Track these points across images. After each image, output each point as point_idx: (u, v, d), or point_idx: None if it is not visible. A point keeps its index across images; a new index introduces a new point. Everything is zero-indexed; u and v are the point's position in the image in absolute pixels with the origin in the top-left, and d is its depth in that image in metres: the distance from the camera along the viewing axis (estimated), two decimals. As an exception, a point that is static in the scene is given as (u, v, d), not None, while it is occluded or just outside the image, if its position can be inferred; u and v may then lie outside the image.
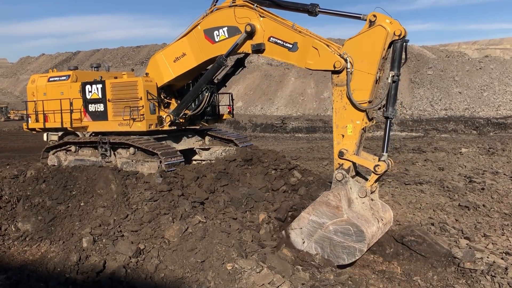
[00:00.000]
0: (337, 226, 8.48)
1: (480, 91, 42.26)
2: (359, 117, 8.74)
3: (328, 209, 8.58)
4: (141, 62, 71.92)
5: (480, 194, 14.24)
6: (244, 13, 10.20)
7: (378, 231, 8.94)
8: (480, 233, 11.00)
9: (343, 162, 8.88)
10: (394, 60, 8.55)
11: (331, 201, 8.58)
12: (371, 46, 8.50)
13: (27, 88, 14.55)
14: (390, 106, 8.58)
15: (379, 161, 8.66)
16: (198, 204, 9.76)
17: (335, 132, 9.03)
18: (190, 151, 14.32)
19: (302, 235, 8.89)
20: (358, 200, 8.87)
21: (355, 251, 8.38)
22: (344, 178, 8.75)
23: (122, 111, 12.23)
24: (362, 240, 8.28)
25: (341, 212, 8.46)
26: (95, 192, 10.60)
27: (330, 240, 8.57)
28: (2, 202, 10.83)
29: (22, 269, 8.60)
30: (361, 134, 8.93)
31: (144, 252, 8.34)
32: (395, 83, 8.55)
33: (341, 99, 8.88)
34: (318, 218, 8.68)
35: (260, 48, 10.07)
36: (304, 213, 8.93)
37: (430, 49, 59.24)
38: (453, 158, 21.72)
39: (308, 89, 49.60)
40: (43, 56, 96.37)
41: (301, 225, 8.92)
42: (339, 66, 8.72)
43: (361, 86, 8.63)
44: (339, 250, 8.52)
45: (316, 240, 8.74)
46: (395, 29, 8.41)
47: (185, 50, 11.51)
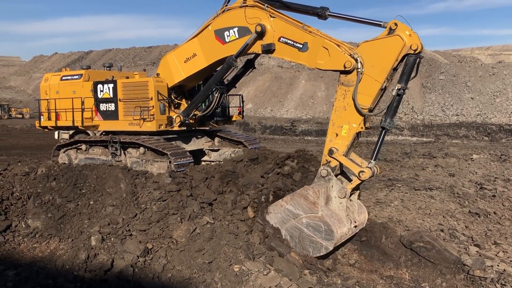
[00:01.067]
0: (310, 220, 8.76)
1: (492, 97, 41.82)
2: (357, 121, 8.74)
3: (305, 202, 8.82)
4: (153, 62, 72.32)
5: (491, 201, 14.09)
6: (254, 14, 10.23)
7: (349, 232, 9.13)
8: (490, 240, 10.88)
9: (330, 160, 8.96)
10: (404, 74, 8.47)
11: (309, 196, 8.78)
12: (385, 54, 8.45)
13: (40, 87, 14.75)
14: (388, 117, 8.56)
15: (365, 168, 8.65)
16: (207, 205, 9.77)
17: (330, 129, 9.06)
18: (200, 152, 14.36)
19: (275, 220, 9.24)
20: (337, 199, 8.97)
21: (321, 247, 8.65)
22: (328, 175, 8.83)
23: (132, 111, 12.31)
24: (330, 239, 8.53)
25: (316, 209, 8.68)
26: (104, 191, 10.66)
27: (301, 231, 8.88)
28: (13, 199, 10.94)
29: (31, 265, 8.67)
30: (354, 137, 8.94)
31: (152, 251, 8.36)
32: (399, 96, 8.51)
33: (344, 99, 8.87)
34: (294, 208, 8.97)
35: (270, 48, 10.06)
36: (282, 201, 9.22)
37: (443, 54, 58.85)
38: (464, 164, 21.53)
39: (319, 92, 49.48)
40: (56, 55, 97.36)
41: (277, 211, 9.24)
42: (350, 66, 8.69)
43: (365, 91, 8.61)
44: (306, 242, 8.83)
45: (287, 228, 9.08)
46: (413, 43, 8.31)
47: (195, 51, 11.56)
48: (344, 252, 9.78)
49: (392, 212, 13.08)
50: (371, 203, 13.84)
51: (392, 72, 8.62)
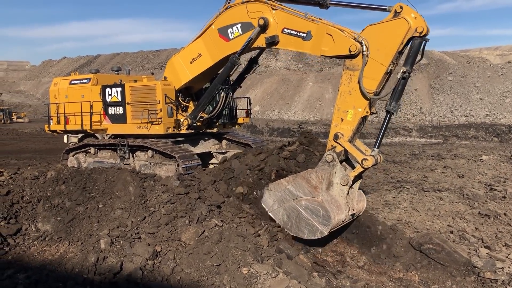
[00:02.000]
0: (309, 203, 8.79)
1: (501, 97, 41.47)
2: (362, 105, 8.74)
3: (307, 185, 8.85)
4: (160, 66, 72.62)
5: (501, 203, 13.95)
6: (256, 8, 10.36)
7: (346, 219, 9.16)
8: (501, 242, 10.77)
9: (336, 145, 8.98)
10: (409, 57, 8.48)
11: (312, 180, 8.81)
12: (390, 38, 8.45)
13: (49, 91, 14.90)
14: (393, 101, 8.56)
15: (368, 155, 8.66)
16: (215, 207, 9.79)
17: (335, 114, 9.08)
18: (207, 155, 14.40)
19: (274, 198, 9.29)
20: (338, 186, 8.97)
21: (317, 231, 8.71)
22: (333, 160, 8.85)
23: (140, 114, 12.37)
24: (327, 224, 8.58)
25: (317, 193, 8.70)
26: (113, 194, 10.72)
27: (298, 213, 8.94)
28: (23, 203, 11.04)
29: (41, 268, 8.73)
30: (359, 122, 8.94)
31: (160, 254, 8.39)
32: (404, 80, 8.49)
33: (349, 83, 8.87)
34: (295, 190, 9.00)
35: (274, 40, 10.14)
36: (284, 181, 9.26)
37: (451, 54, 58.49)
38: (473, 165, 21.35)
39: (326, 93, 49.39)
40: (64, 59, 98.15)
41: (278, 189, 9.26)
42: (355, 50, 8.69)
43: (371, 75, 8.60)
44: (303, 224, 8.90)
45: (285, 208, 9.13)
46: (418, 25, 8.30)
47: (200, 51, 11.68)
48: (353, 254, 9.74)
49: (401, 214, 13.00)
50: (380, 205, 13.78)
51: (397, 55, 8.58)
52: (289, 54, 65.42)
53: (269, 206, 9.39)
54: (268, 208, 9.40)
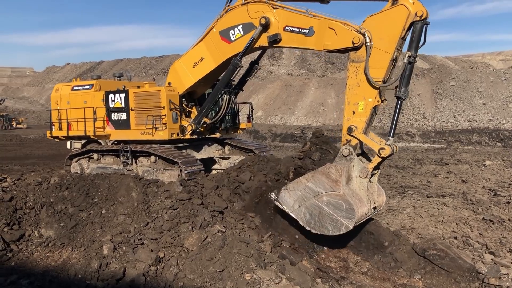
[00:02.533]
0: (331, 198, 8.62)
1: (505, 102, 41.36)
2: (372, 95, 8.74)
3: (327, 180, 8.70)
4: (163, 72, 72.87)
5: (506, 208, 13.89)
6: (257, 8, 10.49)
7: (368, 213, 9.04)
8: (505, 248, 10.71)
9: (350, 139, 8.93)
10: (412, 41, 8.55)
11: (332, 174, 8.68)
12: (392, 25, 8.53)
13: (51, 97, 14.89)
14: (403, 87, 8.60)
15: (385, 145, 8.65)
16: (218, 213, 9.79)
17: (346, 108, 9.06)
18: (210, 160, 14.40)
19: (295, 197, 9.05)
20: (358, 179, 8.90)
21: (341, 226, 8.52)
22: (350, 154, 8.78)
23: (144, 120, 12.40)
24: (351, 218, 8.42)
25: (338, 187, 8.57)
26: (116, 200, 10.73)
27: (321, 209, 8.73)
28: (26, 208, 11.06)
29: (44, 274, 8.73)
30: (372, 113, 8.92)
31: (163, 260, 8.38)
32: (410, 64, 8.56)
33: (356, 76, 8.89)
34: (315, 186, 8.83)
35: (277, 39, 10.22)
36: (303, 178, 9.06)
37: (453, 59, 58.51)
38: (477, 170, 21.26)
39: (329, 99, 49.40)
40: (68, 66, 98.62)
41: (297, 188, 9.04)
42: (358, 41, 8.75)
43: (377, 64, 8.65)
44: (326, 220, 8.68)
45: (307, 206, 8.90)
46: (417, 9, 8.40)
47: (203, 54, 11.79)
48: (357, 260, 9.70)
49: (405, 219, 12.96)
50: (383, 211, 13.73)
51: (401, 41, 8.65)
52: (292, 59, 65.54)
53: (290, 206, 9.10)
54: (289, 208, 9.11)
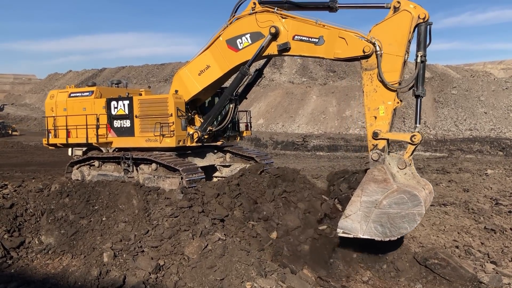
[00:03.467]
0: (390, 198, 8.56)
1: (506, 111, 41.36)
2: (391, 98, 9.13)
3: (376, 185, 8.69)
4: (165, 79, 73.09)
5: (507, 217, 13.83)
6: (266, 18, 10.72)
7: (427, 198, 8.94)
8: (507, 257, 10.66)
9: (377, 143, 9.18)
10: (420, 42, 9.11)
11: (377, 176, 8.71)
12: (398, 30, 9.07)
13: (45, 104, 14.55)
14: (420, 85, 9.12)
15: (415, 132, 8.98)
16: (218, 221, 9.76)
17: (367, 115, 9.36)
18: (211, 168, 14.38)
19: (358, 219, 8.87)
20: (400, 172, 9.06)
21: (415, 216, 8.45)
22: (380, 156, 9.03)
23: (150, 127, 12.38)
24: (418, 204, 8.36)
25: (390, 184, 8.59)
26: (117, 207, 10.71)
27: (387, 214, 8.62)
28: (26, 215, 11.04)
29: (44, 282, 8.70)
30: (393, 114, 9.22)
31: (163, 268, 8.34)
32: (423, 63, 9.07)
33: (371, 82, 9.28)
34: (369, 197, 8.77)
35: (286, 47, 10.49)
36: (355, 197, 8.97)
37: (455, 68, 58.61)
38: (478, 179, 21.20)
39: (330, 107, 49.45)
40: (70, 73, 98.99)
41: (354, 209, 8.91)
42: (369, 50, 9.20)
43: (390, 68, 9.10)
44: (398, 221, 8.56)
45: (373, 220, 8.75)
46: (419, 12, 9.01)
47: (209, 62, 11.88)
48: (357, 269, 9.65)
49: (406, 228, 12.89)
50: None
51: (408, 44, 9.13)
52: (293, 67, 65.70)
53: (359, 230, 8.89)
54: (359, 232, 8.90)
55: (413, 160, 9.49)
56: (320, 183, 20.49)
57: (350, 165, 28.78)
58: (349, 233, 8.97)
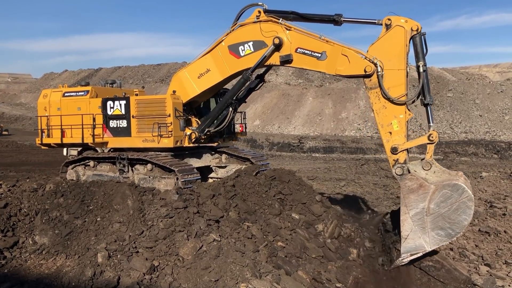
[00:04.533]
0: (435, 199, 8.56)
1: (501, 114, 41.59)
2: (401, 111, 9.27)
3: (415, 194, 8.70)
4: (161, 79, 73.00)
5: (501, 220, 13.89)
6: (270, 28, 10.73)
7: (466, 183, 8.88)
8: (501, 260, 10.71)
9: (398, 157, 9.26)
10: (418, 53, 9.27)
11: (412, 185, 8.75)
12: (395, 45, 9.25)
13: (38, 103, 14.38)
14: (427, 94, 9.27)
15: (430, 131, 9.16)
16: (213, 222, 9.74)
17: (382, 132, 9.45)
18: (207, 169, 14.36)
19: (418, 234, 8.80)
20: (429, 173, 9.05)
21: (466, 204, 8.45)
22: (403, 169, 9.10)
23: (147, 128, 12.35)
24: (463, 190, 8.39)
25: (427, 187, 8.62)
26: (111, 208, 10.67)
27: (441, 215, 8.59)
28: (21, 215, 10.99)
29: (37, 282, 8.66)
30: (406, 126, 9.36)
31: (158, 269, 8.32)
32: (425, 72, 9.21)
33: (379, 100, 9.42)
34: (416, 208, 8.75)
35: (288, 59, 10.55)
36: (403, 216, 8.91)
37: (450, 71, 58.83)
38: (473, 182, 21.30)
39: (326, 109, 49.54)
40: (66, 72, 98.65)
41: (408, 228, 8.85)
42: (370, 70, 9.36)
43: (395, 82, 9.25)
44: (454, 216, 8.51)
45: (431, 227, 8.70)
46: (411, 25, 9.23)
47: (209, 66, 11.86)
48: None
49: (401, 230, 12.92)
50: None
51: (407, 57, 9.28)
52: (290, 69, 65.74)
53: (424, 244, 8.78)
54: (426, 247, 8.77)
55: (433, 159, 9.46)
56: (316, 184, 20.55)
57: (346, 167, 28.85)
58: (417, 252, 8.84)
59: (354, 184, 21.77)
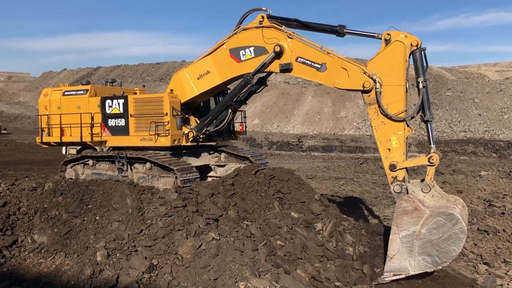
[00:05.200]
0: (428, 225, 8.39)
1: (500, 113, 41.61)
2: (401, 128, 9.09)
3: (409, 217, 8.53)
4: (160, 78, 72.90)
5: (500, 219, 13.91)
6: (272, 34, 10.62)
7: (462, 212, 8.67)
8: (500, 259, 10.72)
9: (396, 174, 9.09)
10: (418, 68, 9.08)
11: (407, 207, 8.57)
12: (394, 60, 9.05)
13: (39, 102, 14.43)
14: (427, 111, 9.04)
15: (431, 153, 8.86)
16: (212, 221, 9.75)
17: (381, 148, 9.29)
18: (206, 167, 14.36)
19: (404, 256, 8.65)
20: (427, 196, 8.87)
21: (457, 235, 8.24)
22: (402, 187, 8.95)
23: (145, 126, 12.36)
24: (457, 221, 8.19)
25: (422, 211, 8.43)
26: (110, 206, 10.67)
27: (430, 242, 8.43)
28: (19, 214, 10.98)
29: (36, 281, 8.65)
30: (405, 143, 9.17)
31: (157, 268, 8.32)
32: (425, 88, 9.01)
33: (378, 116, 9.26)
34: (407, 230, 8.59)
35: (288, 68, 10.45)
36: (392, 235, 8.74)
37: (450, 70, 58.84)
38: (472, 181, 21.32)
39: (325, 108, 49.54)
40: (65, 71, 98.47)
41: (396, 248, 8.70)
42: (369, 86, 9.19)
43: (394, 98, 9.08)
44: (444, 245, 8.34)
45: (419, 252, 8.55)
46: (411, 40, 9.01)
47: (209, 68, 11.80)
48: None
49: (400, 229, 12.92)
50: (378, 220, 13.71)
51: (406, 72, 9.10)
52: (289, 68, 65.70)
53: (409, 267, 8.64)
54: (410, 270, 8.63)
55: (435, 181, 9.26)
56: (314, 183, 20.57)
57: (345, 166, 28.86)
58: (400, 274, 8.71)
59: (353, 183, 21.79)
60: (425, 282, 9.03)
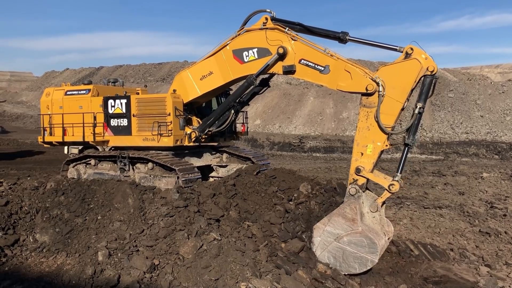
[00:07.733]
0: (351, 237, 8.90)
1: (502, 115, 41.52)
2: (381, 139, 9.12)
3: (344, 221, 9.01)
4: (162, 78, 72.92)
5: (502, 221, 13.89)
6: (276, 36, 10.60)
7: (385, 244, 9.37)
8: (501, 260, 10.70)
9: (358, 178, 9.30)
10: (422, 93, 9.01)
11: (347, 214, 9.01)
12: (405, 77, 8.96)
13: (41, 101, 14.48)
14: (411, 135, 9.07)
15: (393, 181, 9.09)
16: (214, 221, 9.75)
17: (355, 149, 9.39)
18: (208, 168, 14.38)
19: (316, 244, 9.38)
20: (369, 214, 9.28)
21: (367, 262, 8.81)
22: (357, 192, 9.20)
23: (147, 126, 12.38)
24: (375, 252, 8.71)
25: (356, 225, 8.88)
26: (112, 206, 10.68)
27: (343, 250, 9.01)
28: (21, 213, 11.00)
29: (38, 280, 8.67)
30: (379, 155, 9.28)
31: (158, 268, 8.33)
32: (420, 114, 9.00)
33: (366, 120, 9.27)
34: (333, 229, 9.14)
35: (291, 70, 10.45)
36: (320, 224, 9.37)
37: (452, 71, 58.76)
38: (474, 182, 21.29)
39: (327, 108, 49.51)
40: (67, 71, 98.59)
41: (316, 234, 9.38)
42: (372, 89, 9.16)
43: (388, 111, 9.05)
44: (351, 260, 8.95)
45: (329, 250, 9.19)
46: (429, 65, 8.88)
47: (212, 69, 11.80)
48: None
49: (401, 230, 12.94)
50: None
51: (411, 92, 9.08)
52: (291, 69, 65.70)
53: (315, 250, 9.45)
54: (316, 252, 9.44)
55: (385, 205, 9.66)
56: (316, 184, 20.51)
57: (346, 167, 28.83)
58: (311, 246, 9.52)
59: (354, 184, 21.72)
60: (427, 286, 9.04)
